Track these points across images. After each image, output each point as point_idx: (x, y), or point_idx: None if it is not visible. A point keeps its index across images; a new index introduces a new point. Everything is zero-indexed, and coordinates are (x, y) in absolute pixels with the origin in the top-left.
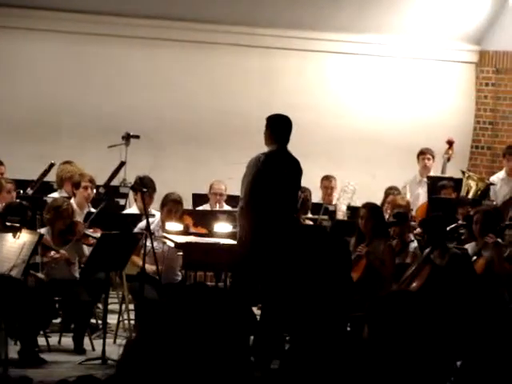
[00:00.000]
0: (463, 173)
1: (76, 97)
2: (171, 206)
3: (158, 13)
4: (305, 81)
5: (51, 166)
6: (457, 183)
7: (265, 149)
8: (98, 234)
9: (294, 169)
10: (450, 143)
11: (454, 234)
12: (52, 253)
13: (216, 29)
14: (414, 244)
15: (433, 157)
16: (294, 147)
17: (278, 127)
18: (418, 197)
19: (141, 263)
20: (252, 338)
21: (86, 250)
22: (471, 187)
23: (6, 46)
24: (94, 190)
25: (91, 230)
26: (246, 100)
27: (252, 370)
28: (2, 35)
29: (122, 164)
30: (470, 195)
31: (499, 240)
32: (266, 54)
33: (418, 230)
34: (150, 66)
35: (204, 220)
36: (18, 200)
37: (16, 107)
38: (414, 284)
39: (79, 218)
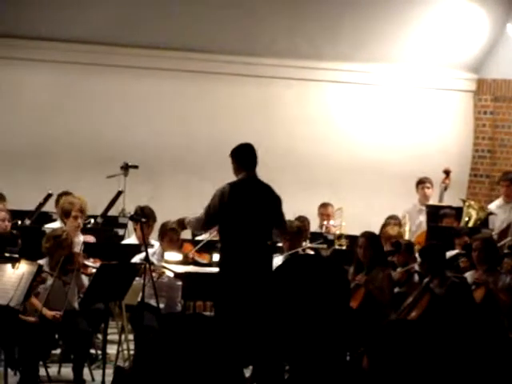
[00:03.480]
0: (464, 201)
1: (74, 127)
2: (171, 236)
3: (156, 43)
4: (304, 110)
5: (48, 196)
6: (456, 212)
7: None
8: (98, 265)
9: (264, 195)
10: (447, 172)
11: (453, 263)
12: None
13: (215, 58)
14: None
15: (432, 185)
16: (293, 176)
17: (242, 156)
18: (421, 225)
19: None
20: (252, 367)
21: (86, 280)
22: (472, 216)
23: (5, 76)
24: (92, 220)
25: (92, 261)
26: (246, 130)
27: None
28: (2, 65)
29: (119, 193)
30: (471, 224)
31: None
32: (266, 84)
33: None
34: (149, 95)
35: (203, 249)
36: (9, 230)
37: (14, 137)
38: (413, 313)
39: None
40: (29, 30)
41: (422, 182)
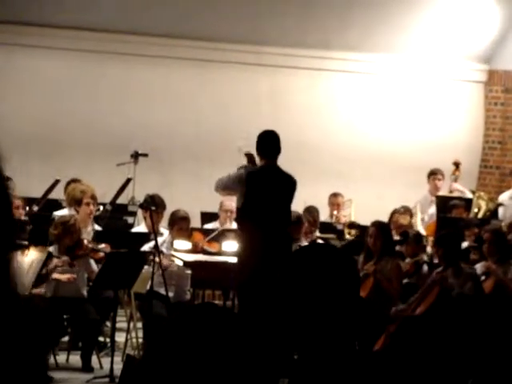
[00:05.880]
0: (473, 192)
1: (85, 115)
2: (181, 224)
3: (167, 31)
4: (313, 100)
5: (56, 182)
6: (466, 202)
7: None
8: (107, 249)
9: (282, 183)
10: (457, 164)
11: (465, 255)
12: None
13: (224, 47)
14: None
15: (443, 177)
16: (302, 166)
17: (265, 143)
18: (433, 216)
19: None
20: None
21: (95, 266)
22: (481, 207)
23: (17, 63)
24: (101, 207)
25: (103, 245)
26: (255, 118)
27: None
28: (16, 52)
29: (129, 181)
30: (480, 215)
31: None
32: (275, 73)
33: (429, 248)
34: (159, 84)
35: (213, 239)
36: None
37: (24, 124)
38: (421, 308)
39: (84, 235)
40: (41, 17)
41: (433, 174)
